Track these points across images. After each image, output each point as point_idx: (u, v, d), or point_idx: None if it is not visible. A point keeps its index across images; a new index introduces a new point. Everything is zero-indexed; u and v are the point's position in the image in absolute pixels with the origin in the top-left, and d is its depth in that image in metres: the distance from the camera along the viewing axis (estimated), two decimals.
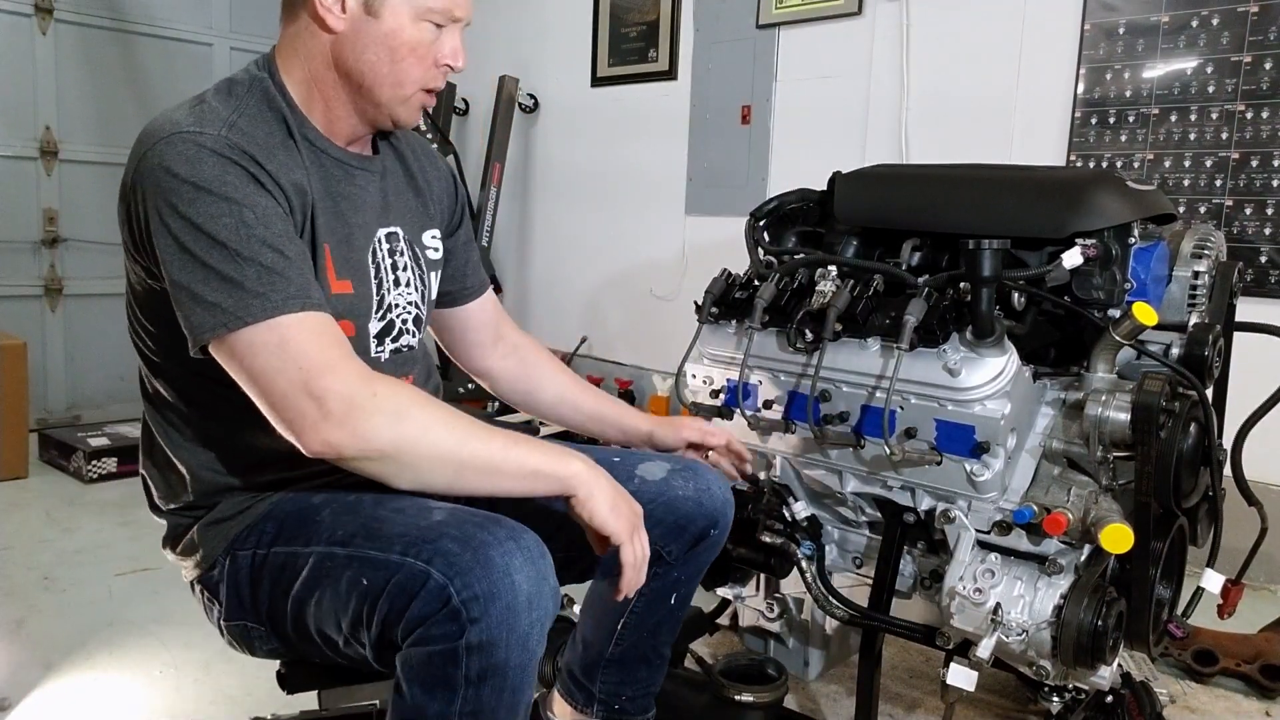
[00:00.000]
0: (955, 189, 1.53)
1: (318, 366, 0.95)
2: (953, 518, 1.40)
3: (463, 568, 0.93)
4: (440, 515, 1.00)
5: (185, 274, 0.97)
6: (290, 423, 0.96)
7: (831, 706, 1.86)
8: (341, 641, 1.04)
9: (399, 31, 1.09)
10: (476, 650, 0.92)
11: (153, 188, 0.98)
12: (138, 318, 1.12)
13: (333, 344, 0.98)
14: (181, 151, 0.98)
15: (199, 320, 0.96)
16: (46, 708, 1.83)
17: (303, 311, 0.97)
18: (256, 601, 1.10)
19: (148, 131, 1.03)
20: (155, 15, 3.97)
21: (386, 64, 1.10)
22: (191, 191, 0.97)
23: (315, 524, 1.07)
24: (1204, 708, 1.91)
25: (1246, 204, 2.58)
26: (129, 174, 1.02)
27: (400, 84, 1.12)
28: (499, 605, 0.92)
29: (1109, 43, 2.76)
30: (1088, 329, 1.42)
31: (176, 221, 0.97)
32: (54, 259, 3.83)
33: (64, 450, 3.35)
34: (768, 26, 3.53)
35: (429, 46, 1.11)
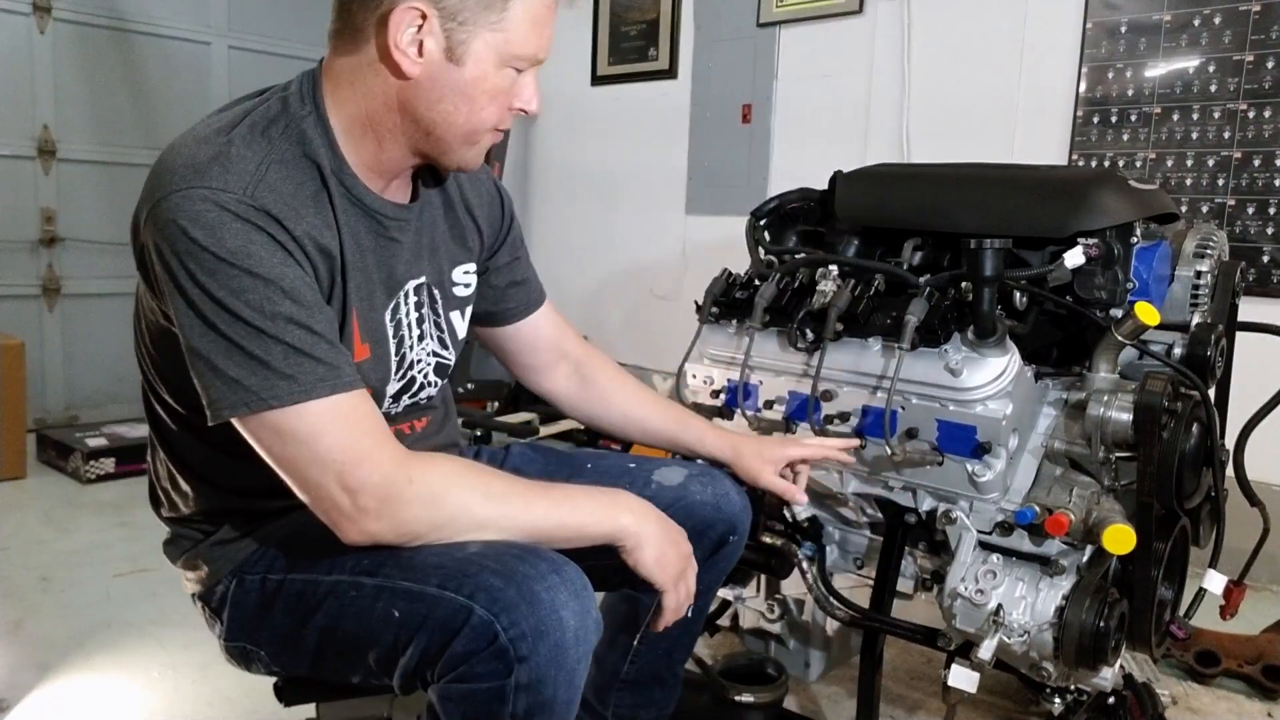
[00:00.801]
0: (957, 188, 1.53)
1: (352, 459, 0.92)
2: (954, 518, 1.39)
3: (508, 604, 0.89)
4: (476, 547, 0.96)
5: (205, 344, 0.91)
6: (325, 513, 0.94)
7: (832, 708, 1.85)
8: (364, 671, 1.01)
9: (482, 80, 1.01)
10: (525, 689, 0.90)
11: (168, 245, 0.90)
12: (146, 343, 1.07)
13: (366, 431, 0.94)
14: (201, 213, 0.90)
15: (219, 395, 0.91)
16: (45, 709, 1.82)
17: (334, 395, 0.92)
18: (264, 626, 1.07)
19: (167, 168, 0.94)
20: (153, 14, 3.96)
21: (464, 113, 1.02)
22: (212, 261, 0.89)
23: (336, 550, 1.00)
24: (1206, 709, 1.91)
25: (1249, 203, 2.57)
26: (142, 211, 0.95)
27: (475, 130, 1.04)
28: (548, 643, 0.89)
29: (1111, 41, 2.75)
30: (1090, 329, 1.42)
31: (195, 290, 0.90)
32: (52, 258, 3.82)
33: (62, 451, 3.34)
34: (768, 25, 3.52)
35: (508, 92, 1.04)
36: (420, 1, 0.96)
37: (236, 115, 1.00)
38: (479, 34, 0.99)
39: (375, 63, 1.00)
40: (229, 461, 1.05)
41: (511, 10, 0.99)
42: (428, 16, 0.97)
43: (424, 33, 0.97)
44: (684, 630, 1.34)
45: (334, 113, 1.03)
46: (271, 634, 1.07)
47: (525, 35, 1.01)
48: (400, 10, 0.96)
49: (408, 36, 0.97)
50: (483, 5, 0.98)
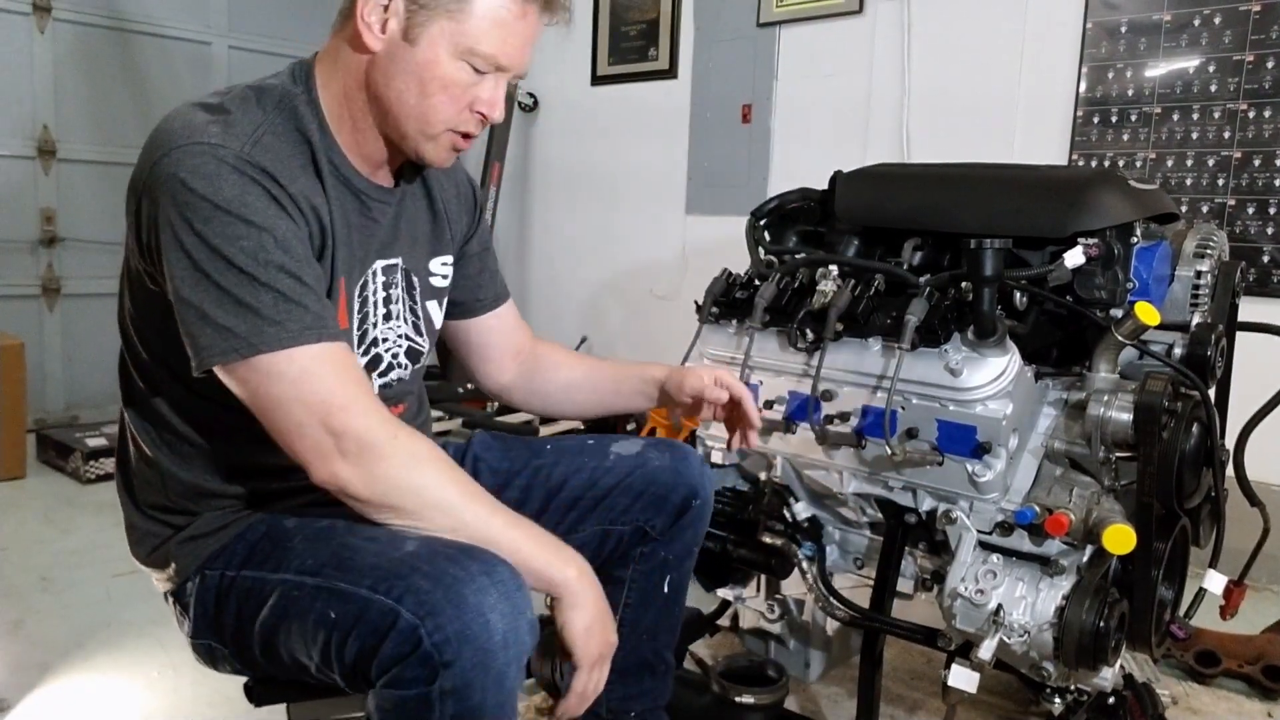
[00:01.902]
0: (957, 188, 1.53)
1: (339, 402, 0.94)
2: (954, 518, 1.39)
3: (434, 607, 0.89)
4: (412, 545, 0.97)
5: (196, 293, 0.93)
6: (301, 451, 0.95)
7: (832, 708, 1.85)
8: (313, 668, 1.01)
9: (433, 65, 1.02)
10: (451, 695, 0.89)
11: (167, 198, 0.93)
12: (130, 310, 1.08)
13: (355, 380, 0.97)
14: (200, 165, 0.93)
15: (208, 342, 0.93)
16: (45, 709, 1.82)
17: (319, 343, 0.95)
18: (221, 623, 1.08)
19: (164, 131, 0.97)
20: (153, 14, 3.96)
21: (414, 96, 1.04)
22: (209, 209, 0.93)
23: (285, 550, 1.03)
24: (1206, 709, 1.91)
25: (1249, 203, 2.57)
26: (142, 172, 0.98)
27: (426, 120, 1.05)
28: (472, 648, 0.88)
29: (1111, 41, 2.75)
30: (1090, 329, 1.42)
31: (191, 238, 0.92)
32: (51, 258, 3.82)
33: (62, 451, 3.34)
34: (768, 25, 3.52)
35: (464, 88, 1.04)
36: None
37: (233, 90, 1.05)
38: (436, 19, 1.01)
39: (350, 39, 1.05)
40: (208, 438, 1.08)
41: (473, 3, 1.02)
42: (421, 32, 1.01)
43: (389, 11, 1.02)
44: (667, 610, 1.35)
45: (322, 93, 1.07)
46: (229, 632, 1.08)
47: (483, 32, 1.03)
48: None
49: (375, 13, 1.02)
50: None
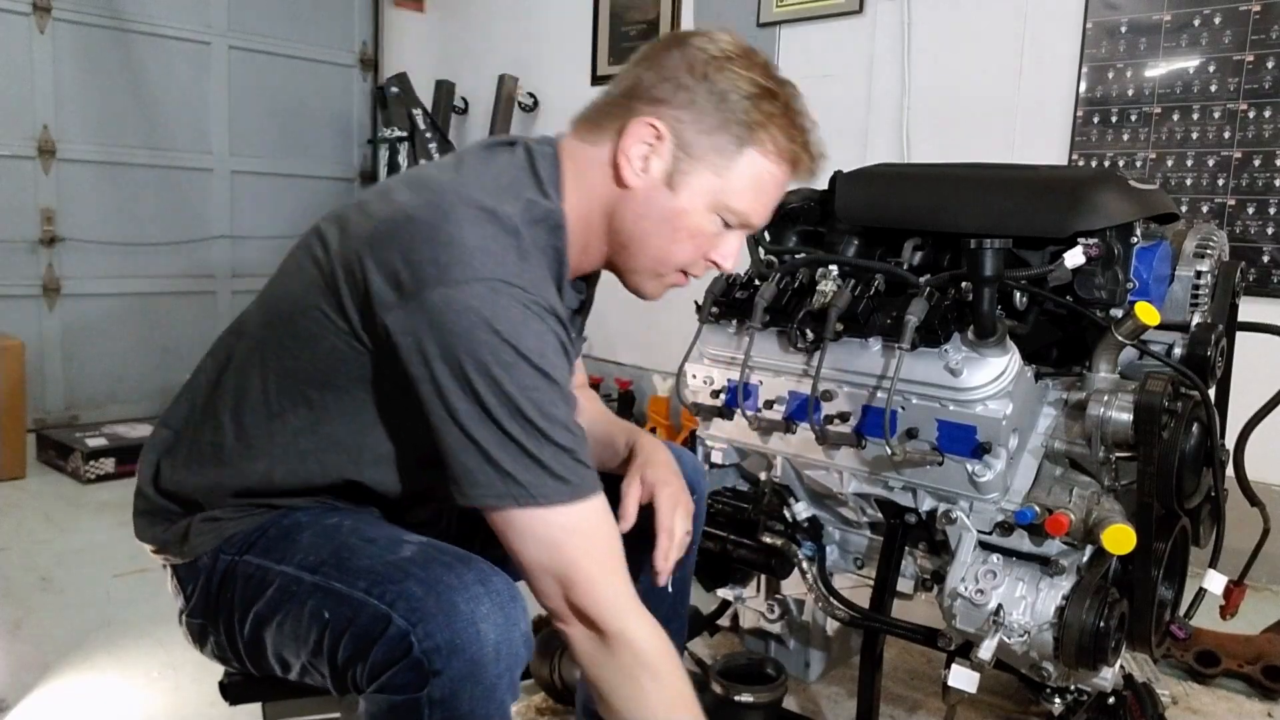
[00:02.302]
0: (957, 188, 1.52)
1: (586, 578, 0.95)
2: (954, 518, 1.39)
3: (425, 614, 0.89)
4: (410, 550, 0.97)
5: (482, 432, 0.91)
6: (540, 601, 0.98)
7: (832, 708, 1.85)
8: (299, 667, 1.01)
9: (688, 214, 1.04)
10: (439, 705, 0.88)
11: (464, 335, 0.90)
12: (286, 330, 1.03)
13: (609, 553, 0.97)
14: (507, 309, 0.91)
15: (487, 482, 0.92)
16: (45, 709, 1.82)
17: (589, 499, 0.95)
18: (219, 605, 1.07)
19: (456, 250, 0.91)
20: (153, 14, 3.96)
21: (662, 238, 1.05)
22: (511, 355, 0.91)
23: (293, 543, 1.03)
24: (1206, 709, 1.91)
25: (1249, 203, 2.57)
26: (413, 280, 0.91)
27: (664, 260, 1.07)
28: (463, 658, 0.88)
29: (1111, 41, 2.75)
30: (1090, 329, 1.42)
31: (485, 380, 0.90)
32: (51, 258, 3.82)
33: (62, 451, 3.34)
34: (768, 25, 3.52)
35: (709, 238, 1.06)
36: (662, 124, 1.02)
37: (501, 185, 1.01)
38: (701, 171, 1.03)
39: (605, 163, 1.05)
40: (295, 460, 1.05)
41: (739, 163, 1.03)
42: (663, 139, 1.02)
43: (654, 151, 1.03)
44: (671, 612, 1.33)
45: (566, 209, 1.06)
46: (224, 615, 1.07)
47: (742, 190, 1.04)
48: (640, 123, 1.02)
49: (639, 149, 1.03)
50: (714, 148, 1.02)
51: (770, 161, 1.05)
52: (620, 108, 1.04)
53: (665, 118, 1.02)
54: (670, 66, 1.03)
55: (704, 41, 1.05)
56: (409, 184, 1.02)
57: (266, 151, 4.37)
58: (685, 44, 1.05)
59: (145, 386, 4.11)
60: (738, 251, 1.10)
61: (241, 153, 4.29)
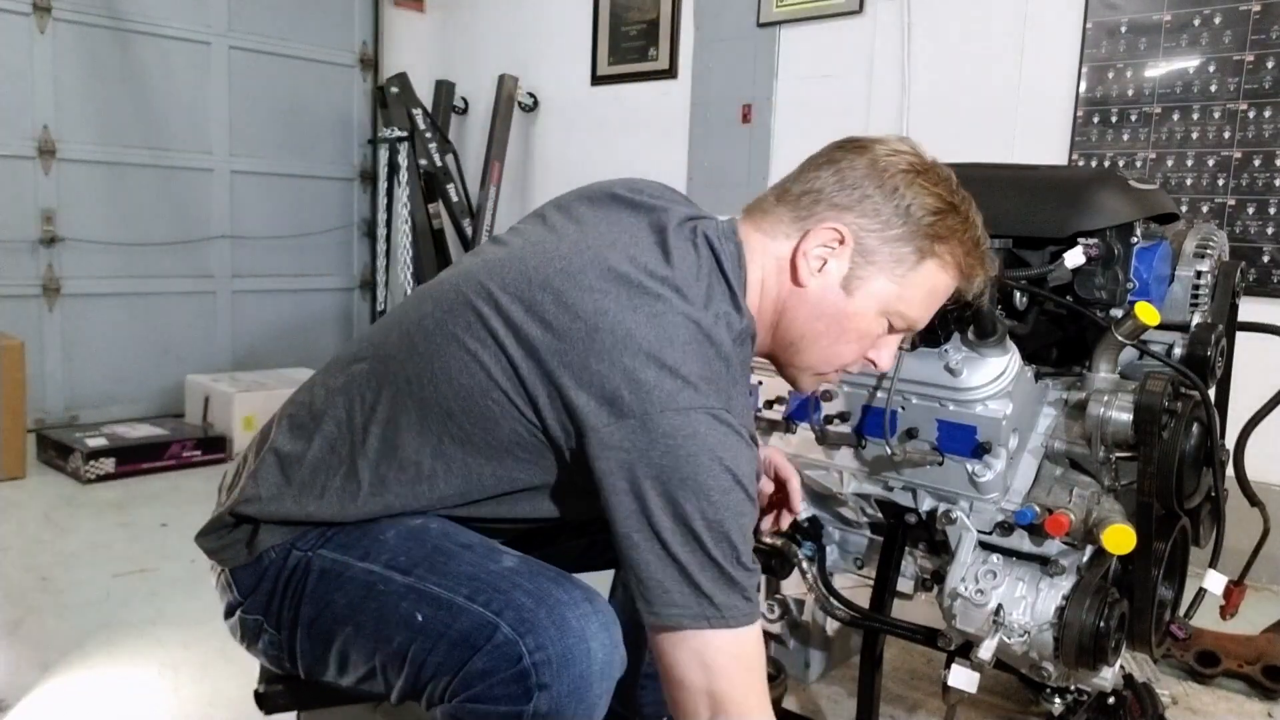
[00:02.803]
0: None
1: (742, 702, 0.93)
2: (954, 518, 1.39)
3: (536, 625, 0.88)
4: (511, 561, 0.96)
5: (683, 552, 0.91)
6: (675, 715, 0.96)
7: (832, 708, 1.85)
8: (364, 671, 0.98)
9: (859, 317, 1.05)
10: (541, 718, 0.87)
11: (686, 459, 0.90)
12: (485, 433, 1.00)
13: (762, 679, 0.97)
14: (726, 437, 0.92)
15: (684, 603, 0.91)
16: (44, 709, 1.82)
17: (757, 624, 0.96)
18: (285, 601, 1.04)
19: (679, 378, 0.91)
20: (153, 14, 3.96)
21: (829, 339, 1.06)
22: (729, 483, 0.92)
23: (377, 541, 1.00)
24: (1206, 709, 1.91)
25: (1249, 203, 2.57)
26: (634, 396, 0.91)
27: (828, 360, 1.08)
28: (572, 673, 0.87)
29: (1111, 41, 2.75)
30: (1090, 329, 1.41)
31: (701, 504, 0.90)
32: (51, 258, 3.82)
33: (62, 451, 3.35)
34: (768, 25, 3.52)
35: (874, 340, 1.08)
36: (845, 229, 1.03)
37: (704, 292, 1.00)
38: (878, 277, 1.04)
39: (782, 260, 1.06)
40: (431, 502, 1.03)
41: (918, 273, 1.04)
42: (844, 243, 1.03)
43: (834, 254, 1.04)
44: None
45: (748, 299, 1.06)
46: (290, 612, 1.04)
47: (916, 298, 1.06)
48: (824, 227, 1.04)
49: (819, 251, 1.04)
50: (896, 258, 1.04)
51: (948, 274, 1.07)
52: (802, 208, 1.06)
53: (849, 223, 1.03)
54: (856, 174, 1.05)
55: (890, 150, 1.06)
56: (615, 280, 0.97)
57: (266, 151, 4.37)
58: (871, 150, 1.06)
59: (145, 386, 4.11)
60: (894, 356, 1.12)
61: (241, 153, 4.29)
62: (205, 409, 3.76)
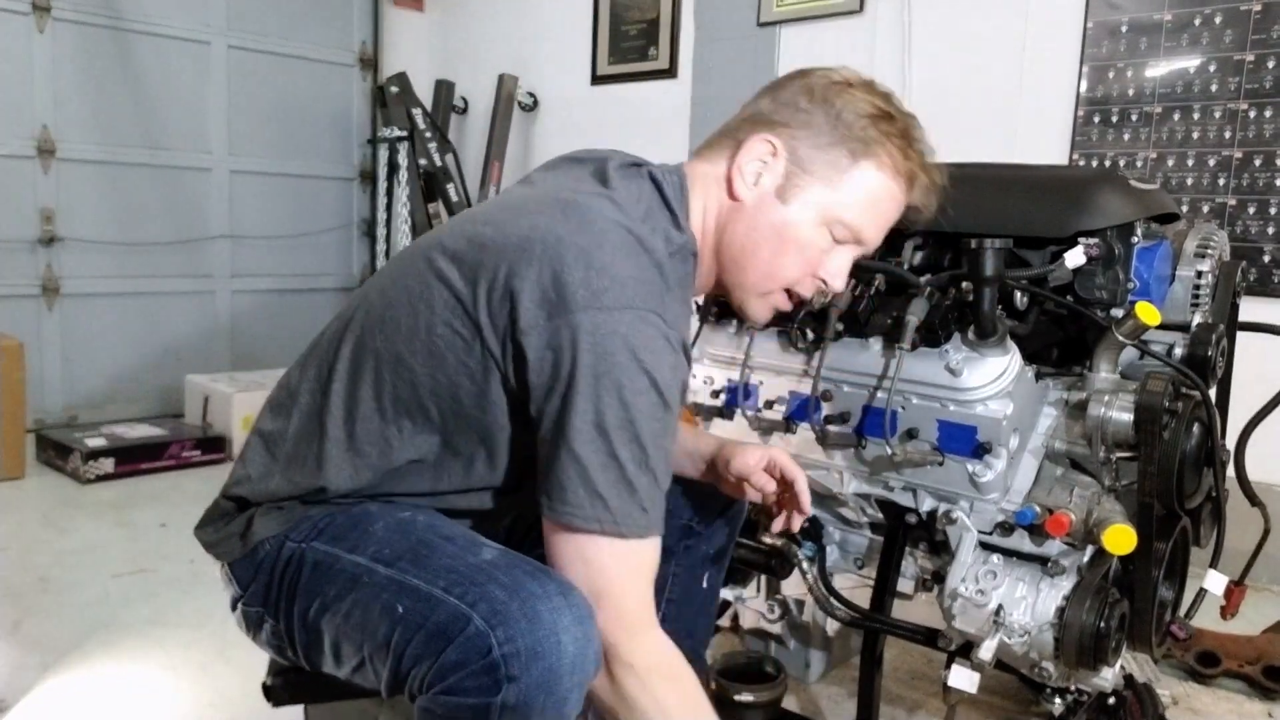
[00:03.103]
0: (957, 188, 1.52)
1: (619, 600, 0.95)
2: (954, 519, 1.39)
3: (507, 618, 0.88)
4: (490, 554, 0.96)
5: (588, 450, 0.92)
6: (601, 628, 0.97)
7: (833, 708, 1.85)
8: (355, 662, 0.99)
9: (798, 226, 1.05)
10: (510, 711, 0.87)
11: (605, 356, 0.91)
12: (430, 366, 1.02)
13: (643, 588, 0.97)
14: (652, 340, 0.93)
15: (576, 503, 0.92)
16: (43, 709, 1.82)
17: (656, 536, 0.97)
18: (281, 592, 1.06)
19: (609, 278, 0.93)
20: (153, 14, 3.96)
21: (769, 251, 1.06)
22: (645, 383, 0.92)
23: (365, 533, 1.02)
24: (1206, 709, 1.91)
25: (1250, 203, 2.57)
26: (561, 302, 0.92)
27: (771, 276, 1.07)
28: (541, 666, 0.87)
29: (1112, 41, 2.75)
30: (1090, 329, 1.41)
31: (614, 402, 0.91)
32: (51, 258, 3.82)
33: (61, 451, 3.34)
34: (768, 24, 3.52)
35: (818, 253, 1.07)
36: (779, 140, 1.05)
37: (642, 213, 1.03)
38: (815, 185, 1.05)
39: (720, 178, 1.08)
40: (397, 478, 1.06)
41: (853, 175, 1.05)
42: (777, 155, 1.05)
43: (767, 167, 1.06)
44: (701, 610, 1.35)
45: (690, 222, 1.08)
46: (286, 603, 1.05)
47: (854, 203, 1.06)
48: (756, 140, 1.06)
49: (753, 165, 1.06)
50: (830, 163, 1.05)
51: (886, 176, 1.06)
52: (739, 130, 1.08)
53: (781, 135, 1.05)
54: (789, 92, 1.07)
55: (825, 71, 1.08)
56: (551, 203, 1.01)
57: (266, 151, 4.37)
58: (807, 74, 1.08)
59: (145, 386, 4.11)
60: (846, 270, 1.10)
61: (241, 152, 4.29)
62: (204, 409, 3.76)
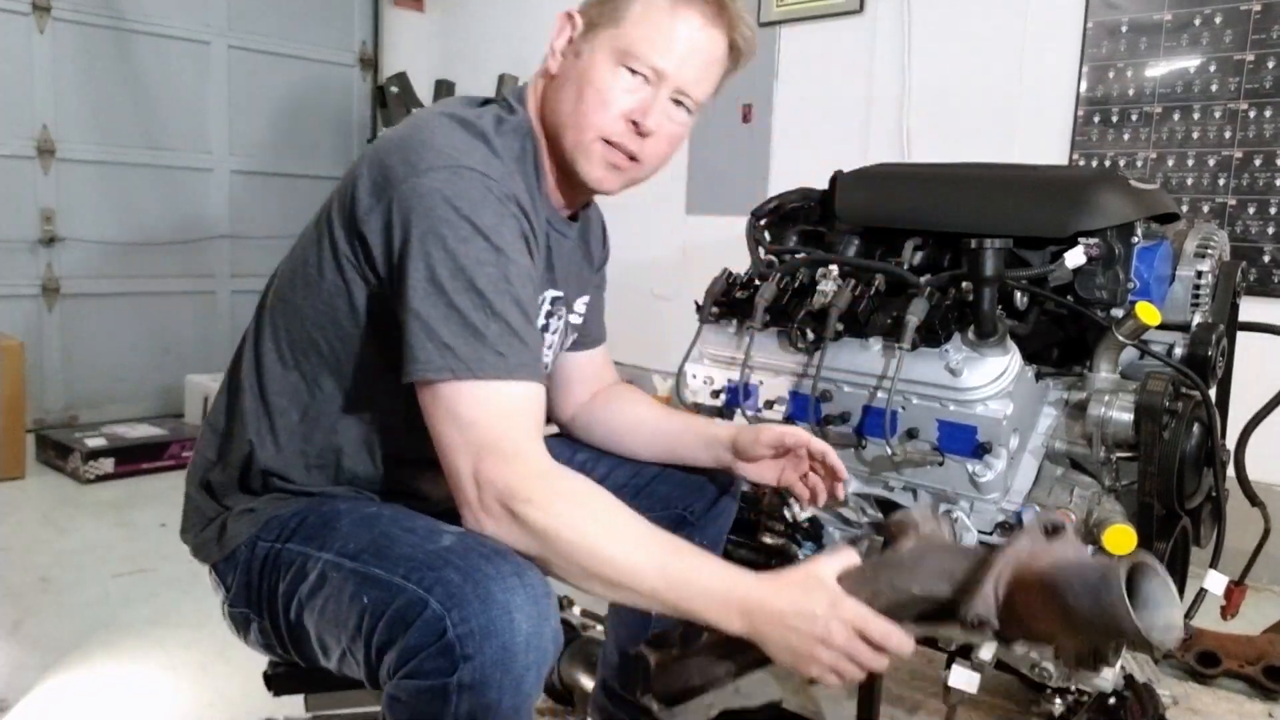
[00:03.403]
0: (957, 188, 1.52)
1: (501, 450, 0.95)
2: (955, 519, 1.39)
3: (461, 600, 0.89)
4: (449, 540, 0.97)
5: (428, 306, 0.95)
6: (454, 490, 0.98)
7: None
8: (339, 654, 1.02)
9: (590, 70, 1.08)
10: (468, 690, 0.89)
11: (425, 213, 0.96)
12: (304, 301, 1.09)
13: (524, 428, 0.97)
14: (467, 189, 0.97)
15: (427, 357, 0.95)
16: (44, 709, 1.82)
17: (528, 381, 0.98)
18: (261, 592, 1.09)
19: (427, 147, 1.00)
20: (153, 14, 3.96)
21: (570, 103, 1.09)
22: (468, 230, 0.96)
23: (333, 530, 1.05)
24: (1207, 709, 1.91)
25: (1250, 203, 2.57)
26: (397, 182, 0.99)
27: (579, 127, 1.09)
28: (494, 644, 0.88)
29: (1112, 41, 2.75)
30: (1090, 329, 1.41)
31: (440, 254, 0.95)
32: (51, 258, 3.82)
33: (61, 451, 3.34)
34: (769, 24, 3.52)
35: (616, 93, 1.08)
36: (575, 11, 1.11)
37: (477, 108, 1.11)
38: (602, 33, 1.09)
39: (543, 70, 1.14)
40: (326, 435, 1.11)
41: (631, 10, 1.08)
42: (574, 24, 1.11)
43: (565, 36, 1.12)
44: None
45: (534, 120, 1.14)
46: (268, 603, 1.09)
47: (637, 34, 1.07)
48: (561, 17, 1.12)
49: (559, 41, 1.12)
50: (612, 10, 1.09)
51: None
52: None
53: (578, 8, 1.13)
54: None
55: None
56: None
57: (266, 151, 4.37)
58: None
59: (145, 386, 4.11)
60: (656, 109, 1.09)
61: (241, 152, 4.29)
62: (205, 409, 3.76)
